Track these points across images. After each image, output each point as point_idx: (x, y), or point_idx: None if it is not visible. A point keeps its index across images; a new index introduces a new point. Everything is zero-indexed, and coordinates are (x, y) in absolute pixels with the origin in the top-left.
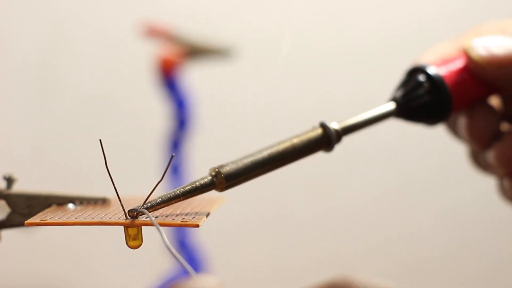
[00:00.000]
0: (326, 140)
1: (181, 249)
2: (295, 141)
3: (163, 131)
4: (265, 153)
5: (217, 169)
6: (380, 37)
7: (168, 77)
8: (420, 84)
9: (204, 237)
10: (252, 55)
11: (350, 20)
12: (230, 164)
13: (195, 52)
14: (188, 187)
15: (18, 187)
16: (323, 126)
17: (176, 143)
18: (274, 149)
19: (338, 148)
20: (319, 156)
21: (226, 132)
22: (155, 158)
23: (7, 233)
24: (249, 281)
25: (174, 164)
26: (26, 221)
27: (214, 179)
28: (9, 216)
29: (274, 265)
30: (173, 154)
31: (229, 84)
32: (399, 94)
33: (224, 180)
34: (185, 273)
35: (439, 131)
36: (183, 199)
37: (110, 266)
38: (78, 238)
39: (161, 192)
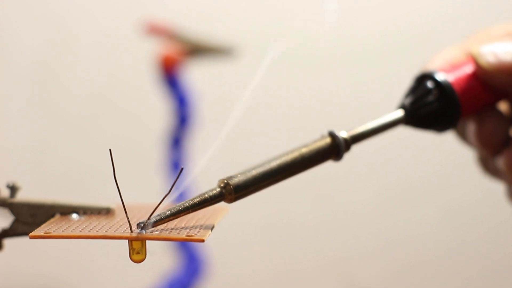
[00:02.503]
0: (335, 149)
1: (182, 248)
2: (304, 151)
3: (165, 129)
4: (274, 164)
5: (225, 181)
6: (383, 37)
7: (170, 75)
8: (429, 91)
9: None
10: (253, 54)
11: (354, 20)
12: (239, 175)
13: (196, 50)
14: (197, 199)
15: (22, 195)
16: (331, 135)
17: (177, 140)
18: (283, 160)
19: None
20: None
21: (227, 134)
22: (156, 157)
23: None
24: (249, 281)
25: (174, 161)
26: (30, 234)
27: (223, 191)
28: (12, 225)
29: (275, 266)
30: (182, 167)
31: (231, 83)
32: (407, 101)
33: (233, 191)
34: (184, 274)
35: (440, 135)
36: (191, 212)
37: (110, 266)
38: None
39: (161, 197)
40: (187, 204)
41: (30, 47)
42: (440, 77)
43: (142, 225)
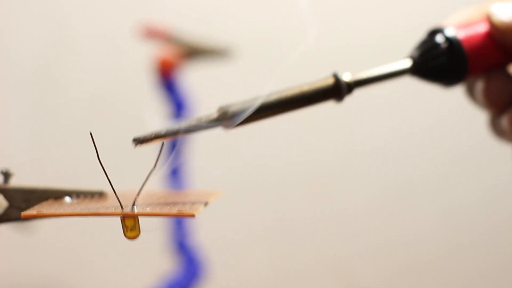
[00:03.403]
0: (337, 90)
1: (180, 250)
2: (305, 88)
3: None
4: (273, 97)
5: (224, 108)
6: (383, 37)
7: (167, 78)
8: (437, 45)
9: (203, 238)
10: (251, 55)
11: (353, 18)
12: (238, 104)
13: (193, 53)
14: (194, 122)
15: (15, 182)
16: (335, 76)
17: (174, 144)
18: (283, 94)
19: (339, 150)
20: (320, 157)
21: (226, 133)
22: (154, 159)
23: (7, 233)
24: (248, 281)
25: (173, 166)
26: (22, 213)
27: (221, 116)
28: (6, 211)
29: (274, 266)
30: (163, 143)
31: (228, 85)
32: (416, 53)
33: (231, 117)
34: (183, 276)
35: (440, 133)
36: (188, 134)
37: (109, 266)
38: (77, 238)
39: (155, 184)
40: (184, 125)
41: (30, 50)
42: (449, 32)
43: (138, 140)
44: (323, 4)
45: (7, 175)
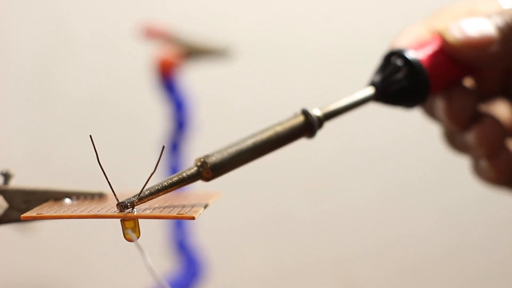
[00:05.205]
0: (309, 127)
1: (180, 250)
2: (278, 129)
3: (162, 133)
4: (249, 142)
5: (202, 159)
6: (382, 37)
7: (167, 78)
8: (398, 68)
9: (203, 239)
10: (250, 55)
11: (350, 19)
12: (215, 154)
13: (193, 53)
14: (175, 178)
15: (15, 183)
16: (305, 113)
17: (175, 145)
18: (258, 138)
19: (339, 150)
20: (320, 157)
21: (225, 134)
22: (154, 161)
23: (6, 233)
24: (247, 282)
25: (173, 166)
26: (22, 215)
27: (200, 169)
28: (6, 212)
29: (273, 265)
30: (164, 145)
31: (228, 85)
32: (377, 78)
33: (210, 170)
34: (183, 277)
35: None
36: (171, 190)
37: (109, 266)
38: (77, 238)
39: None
40: (165, 183)
41: (30, 50)
42: (409, 55)
43: (123, 205)
44: (322, 4)
45: (7, 176)
